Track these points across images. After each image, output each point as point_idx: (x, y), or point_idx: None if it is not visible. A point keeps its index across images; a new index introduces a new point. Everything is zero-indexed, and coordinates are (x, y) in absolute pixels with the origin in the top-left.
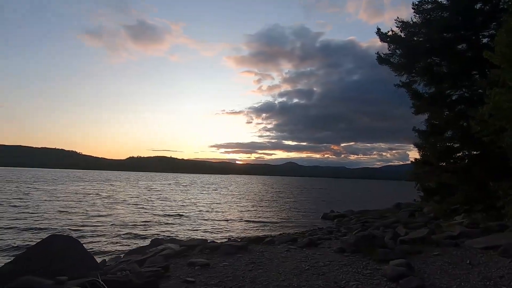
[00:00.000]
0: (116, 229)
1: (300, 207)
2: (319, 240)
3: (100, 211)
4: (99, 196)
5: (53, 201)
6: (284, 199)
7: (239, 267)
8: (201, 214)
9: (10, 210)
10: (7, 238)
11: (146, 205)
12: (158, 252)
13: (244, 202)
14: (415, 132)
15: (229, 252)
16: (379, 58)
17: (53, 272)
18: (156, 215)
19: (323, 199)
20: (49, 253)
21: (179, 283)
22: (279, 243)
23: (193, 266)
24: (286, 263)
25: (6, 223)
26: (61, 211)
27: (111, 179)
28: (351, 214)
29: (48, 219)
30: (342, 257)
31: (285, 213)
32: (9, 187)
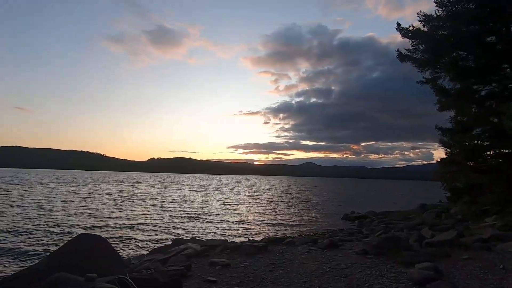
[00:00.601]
0: (137, 229)
1: (320, 208)
2: (340, 242)
3: (121, 212)
4: (120, 197)
5: (78, 202)
6: (303, 199)
7: (260, 268)
8: (220, 214)
9: (40, 210)
10: (39, 237)
11: (165, 206)
12: (180, 251)
13: (262, 203)
14: (440, 130)
15: (249, 252)
16: (400, 55)
17: (83, 269)
18: (175, 215)
19: (343, 199)
20: (79, 251)
21: (201, 282)
22: (299, 244)
23: (214, 266)
24: (307, 265)
25: (37, 222)
26: (85, 211)
27: (132, 180)
28: (372, 215)
29: (74, 219)
30: (364, 259)
31: (304, 214)
32: (39, 188)
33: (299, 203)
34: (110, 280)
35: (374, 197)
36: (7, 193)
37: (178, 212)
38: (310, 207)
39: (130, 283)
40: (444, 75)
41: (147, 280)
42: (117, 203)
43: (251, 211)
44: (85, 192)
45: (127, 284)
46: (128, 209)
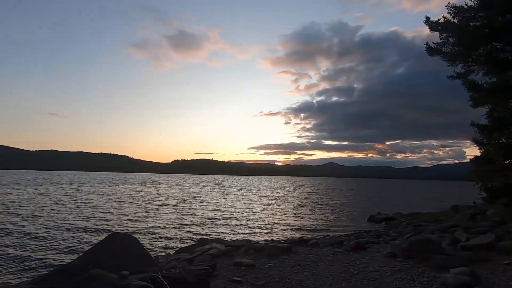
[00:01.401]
0: (163, 229)
1: (344, 209)
2: (367, 244)
3: (146, 212)
4: (145, 198)
5: (107, 202)
6: (326, 201)
7: (285, 269)
8: (242, 215)
9: (72, 210)
10: (74, 236)
11: (188, 207)
12: (205, 251)
13: (285, 204)
14: (474, 127)
15: (274, 253)
16: (429, 49)
17: (115, 267)
18: (198, 216)
19: (368, 200)
20: (112, 249)
21: (226, 282)
22: (324, 246)
23: (239, 266)
24: (333, 267)
25: (71, 222)
26: (113, 211)
27: (156, 182)
28: (400, 216)
29: (103, 219)
30: (394, 263)
31: (328, 215)
32: (71, 189)
33: (322, 204)
34: (142, 278)
35: (401, 198)
36: (41, 194)
37: (201, 213)
38: (334, 209)
39: (162, 281)
40: (478, 68)
41: (176, 278)
42: (142, 204)
43: (274, 212)
44: (113, 193)
45: (158, 282)
46: (153, 210)
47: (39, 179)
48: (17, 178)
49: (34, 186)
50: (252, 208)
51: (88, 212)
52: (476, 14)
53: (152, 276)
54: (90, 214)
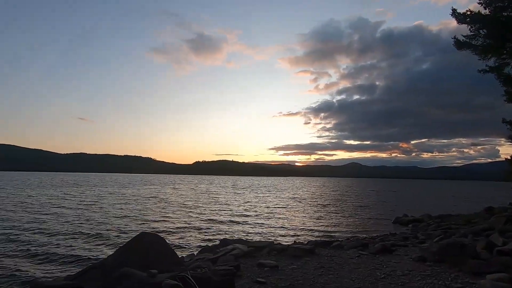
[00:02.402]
0: (186, 229)
1: (367, 211)
2: (394, 247)
3: (169, 213)
4: (168, 199)
5: (131, 203)
6: (349, 201)
7: (308, 271)
8: (263, 216)
9: (99, 210)
10: (103, 235)
11: (210, 208)
12: (228, 251)
13: (306, 205)
14: (507, 124)
15: (297, 255)
16: (457, 43)
17: (144, 265)
18: (220, 217)
19: (393, 202)
20: (141, 248)
21: (250, 283)
22: (347, 248)
23: (262, 267)
24: (358, 270)
25: (98, 221)
26: (136, 211)
27: (178, 183)
28: (428, 218)
29: (130, 218)
30: (423, 267)
31: (351, 217)
32: (98, 190)
33: (344, 205)
34: (171, 276)
35: (428, 199)
36: (70, 195)
37: (222, 213)
38: (357, 210)
39: (191, 280)
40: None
41: (202, 278)
42: (165, 205)
43: (295, 214)
44: (137, 194)
45: (187, 281)
46: (175, 211)
47: (71, 181)
48: (49, 180)
49: (66, 188)
50: (272, 209)
51: (114, 213)
52: (510, 4)
53: (181, 275)
54: (116, 214)
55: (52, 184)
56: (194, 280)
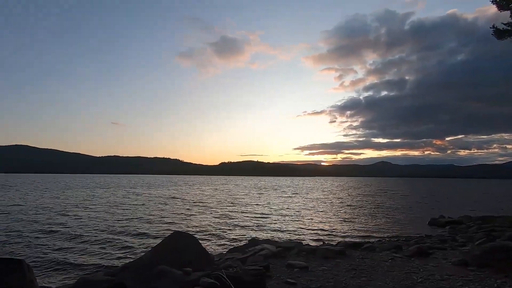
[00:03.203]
0: (213, 229)
1: (400, 211)
2: (430, 250)
3: (196, 213)
4: (194, 199)
5: (161, 203)
6: (379, 202)
7: (340, 273)
8: (290, 217)
9: (134, 210)
10: (137, 234)
11: (236, 208)
12: (257, 251)
13: (333, 205)
14: None
15: (327, 256)
16: (497, 31)
17: (178, 264)
18: (246, 217)
19: (427, 202)
20: (175, 247)
21: (281, 284)
22: (380, 250)
23: (292, 268)
24: (393, 273)
25: (131, 221)
26: (166, 212)
27: (204, 184)
28: (468, 220)
29: (160, 219)
30: (465, 272)
31: (382, 218)
32: (130, 191)
33: (374, 206)
34: (206, 275)
35: (467, 200)
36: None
37: (248, 214)
38: (388, 211)
39: (226, 280)
40: None
41: (234, 277)
42: (191, 205)
43: (322, 214)
44: (166, 195)
45: (222, 280)
46: (201, 211)
47: (106, 182)
48: (85, 182)
49: (101, 189)
50: (299, 210)
51: (145, 213)
52: None
53: (216, 274)
54: (146, 214)
55: (88, 186)
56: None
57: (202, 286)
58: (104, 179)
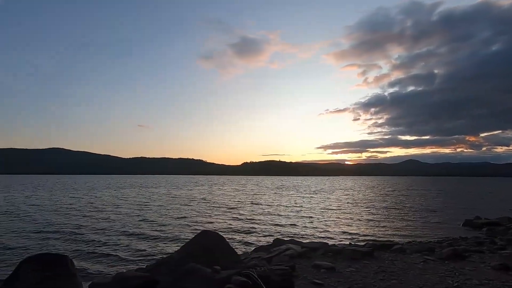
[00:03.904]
0: (236, 228)
1: (430, 212)
2: (466, 252)
3: (219, 212)
4: (216, 199)
5: (186, 203)
6: (407, 202)
7: (368, 275)
8: (314, 217)
9: (160, 209)
10: (167, 231)
11: (258, 208)
12: (282, 251)
13: (358, 205)
14: None
15: (354, 257)
16: None
17: (207, 262)
18: (268, 217)
19: (461, 202)
20: (203, 245)
21: (307, 284)
22: (411, 252)
23: (318, 268)
24: (425, 276)
25: (158, 219)
26: (187, 211)
27: (227, 184)
28: (508, 222)
29: (183, 217)
30: (506, 276)
31: (411, 218)
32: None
33: (402, 206)
34: (235, 273)
35: (505, 200)
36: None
37: (270, 214)
38: (418, 211)
39: (256, 278)
40: None
41: (262, 277)
42: (214, 205)
43: (347, 215)
44: (189, 195)
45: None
46: (224, 211)
47: (133, 182)
48: (115, 182)
49: (128, 189)
50: (323, 210)
51: (170, 212)
52: None
53: (246, 273)
54: (172, 214)
55: (118, 187)
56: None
57: (234, 284)
58: (132, 179)
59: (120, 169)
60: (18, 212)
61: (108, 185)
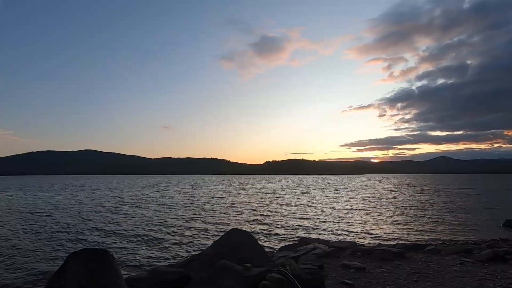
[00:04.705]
0: (257, 227)
1: (465, 211)
2: (508, 255)
3: (238, 212)
4: (239, 198)
5: (211, 202)
6: (439, 201)
7: (401, 276)
8: (339, 216)
9: (187, 207)
10: (197, 229)
11: (279, 208)
12: (309, 250)
13: (386, 204)
14: None
15: (385, 258)
16: None
17: (237, 259)
18: (291, 216)
19: (499, 201)
20: (233, 243)
21: (337, 284)
22: (446, 254)
23: (347, 268)
24: (463, 279)
25: (186, 218)
26: (210, 210)
27: (249, 183)
28: None
29: (209, 215)
30: None
31: (444, 218)
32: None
33: (434, 205)
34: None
35: None
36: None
37: (295, 213)
38: (451, 211)
39: (290, 276)
40: None
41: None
42: (238, 204)
43: (374, 214)
44: (214, 195)
45: (285, 276)
46: (246, 209)
47: (162, 182)
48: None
49: (159, 188)
50: (348, 209)
51: (197, 210)
52: None
53: (279, 270)
54: (199, 212)
55: (146, 186)
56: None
57: (270, 280)
58: (158, 179)
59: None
60: (58, 210)
61: (137, 184)
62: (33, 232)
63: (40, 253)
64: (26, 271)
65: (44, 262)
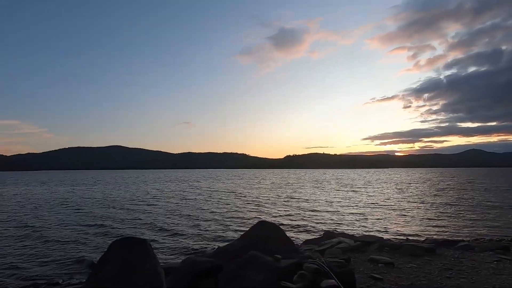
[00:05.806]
0: (280, 221)
1: (500, 207)
2: None
3: (262, 205)
4: (259, 193)
5: (231, 196)
6: (470, 195)
7: (432, 272)
8: (364, 211)
9: (209, 202)
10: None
11: (302, 202)
12: (334, 244)
13: (412, 199)
14: None
15: (414, 253)
16: None
17: (266, 251)
18: (314, 210)
19: None
20: (262, 235)
21: (365, 278)
22: (480, 250)
23: (375, 263)
24: (501, 277)
25: (213, 211)
26: (233, 204)
27: (269, 177)
28: None
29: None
30: None
31: (476, 214)
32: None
33: (465, 200)
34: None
35: None
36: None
37: (318, 207)
38: (484, 206)
39: (325, 267)
40: None
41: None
42: (259, 197)
43: (400, 209)
44: (235, 189)
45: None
46: (270, 203)
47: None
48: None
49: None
50: (372, 204)
51: (223, 204)
52: None
53: (313, 261)
54: (225, 205)
55: (173, 180)
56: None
57: (307, 271)
58: (182, 173)
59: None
60: (94, 203)
61: (163, 179)
62: (75, 224)
63: (83, 243)
64: (73, 260)
65: (88, 252)
